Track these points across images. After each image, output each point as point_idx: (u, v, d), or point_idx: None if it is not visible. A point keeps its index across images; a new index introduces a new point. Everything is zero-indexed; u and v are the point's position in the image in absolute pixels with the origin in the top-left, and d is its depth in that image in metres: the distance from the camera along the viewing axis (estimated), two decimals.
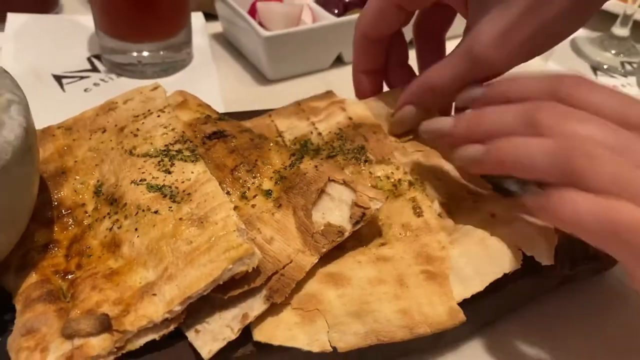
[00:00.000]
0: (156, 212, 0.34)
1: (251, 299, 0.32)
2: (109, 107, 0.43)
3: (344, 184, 0.36)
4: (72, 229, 0.37)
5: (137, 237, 0.34)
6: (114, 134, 0.41)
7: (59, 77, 0.60)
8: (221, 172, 0.38)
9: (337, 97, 0.48)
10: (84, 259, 0.35)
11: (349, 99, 0.48)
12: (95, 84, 0.60)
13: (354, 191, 0.35)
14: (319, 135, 0.44)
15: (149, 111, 0.42)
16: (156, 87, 0.44)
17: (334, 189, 0.36)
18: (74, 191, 0.39)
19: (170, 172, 0.36)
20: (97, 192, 0.38)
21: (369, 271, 0.34)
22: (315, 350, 0.32)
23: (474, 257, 0.35)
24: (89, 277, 0.33)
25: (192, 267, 0.31)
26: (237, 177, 0.38)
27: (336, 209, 0.35)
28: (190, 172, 0.36)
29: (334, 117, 0.45)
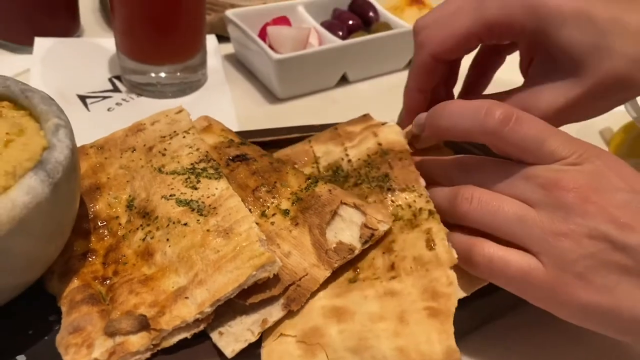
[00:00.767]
0: (185, 224, 0.38)
1: (270, 306, 0.36)
2: (137, 129, 0.47)
3: (355, 206, 0.40)
4: (107, 239, 0.40)
5: (169, 246, 0.37)
6: (143, 153, 0.45)
7: (83, 97, 0.63)
8: (244, 191, 0.41)
9: (373, 121, 0.49)
10: (119, 266, 0.38)
11: (388, 122, 0.49)
12: (117, 104, 0.63)
13: (364, 214, 0.39)
14: (349, 162, 0.46)
15: (175, 132, 0.45)
16: (180, 110, 0.47)
17: (346, 211, 0.40)
18: (108, 205, 0.42)
19: (196, 188, 0.40)
20: (129, 205, 0.42)
21: (372, 306, 0.36)
22: None
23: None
24: (125, 283, 0.37)
25: (220, 274, 0.35)
26: (257, 196, 0.41)
27: (347, 229, 0.39)
28: (214, 188, 0.40)
29: (365, 143, 0.47)
